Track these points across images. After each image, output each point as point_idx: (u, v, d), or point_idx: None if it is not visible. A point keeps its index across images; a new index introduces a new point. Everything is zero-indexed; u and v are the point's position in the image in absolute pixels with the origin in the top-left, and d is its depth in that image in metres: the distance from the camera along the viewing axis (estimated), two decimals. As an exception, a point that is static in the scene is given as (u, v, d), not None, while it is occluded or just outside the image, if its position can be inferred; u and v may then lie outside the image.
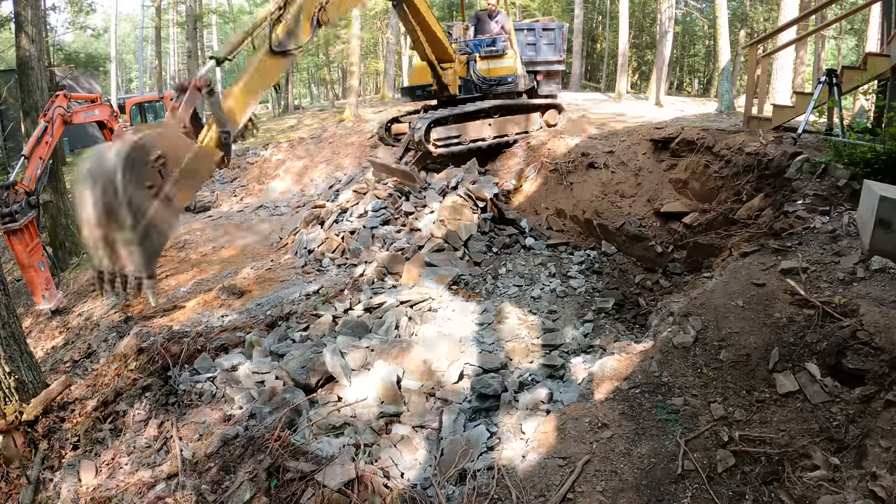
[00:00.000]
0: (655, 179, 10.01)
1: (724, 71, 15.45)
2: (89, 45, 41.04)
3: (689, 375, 4.94)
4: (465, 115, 12.28)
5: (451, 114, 12.13)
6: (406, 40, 33.03)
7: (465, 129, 12.37)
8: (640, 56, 41.51)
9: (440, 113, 12.17)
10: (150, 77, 41.36)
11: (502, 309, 7.38)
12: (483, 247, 9.52)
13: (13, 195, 9.14)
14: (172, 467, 5.45)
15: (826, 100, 8.27)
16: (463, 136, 12.35)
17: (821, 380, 4.34)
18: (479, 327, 7.21)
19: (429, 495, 4.62)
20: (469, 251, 9.39)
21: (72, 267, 12.08)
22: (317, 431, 5.70)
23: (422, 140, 11.95)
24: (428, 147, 12.12)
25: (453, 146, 12.33)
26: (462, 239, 9.42)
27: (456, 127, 12.31)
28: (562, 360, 6.43)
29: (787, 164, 7.63)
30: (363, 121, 20.97)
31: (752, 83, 10.20)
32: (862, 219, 5.40)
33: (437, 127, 12.18)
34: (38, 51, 11.97)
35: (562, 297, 8.21)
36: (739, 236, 7.17)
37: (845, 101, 9.40)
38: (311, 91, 50.47)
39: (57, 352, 8.93)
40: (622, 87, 22.65)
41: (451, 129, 12.28)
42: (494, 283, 8.61)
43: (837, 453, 3.91)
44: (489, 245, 9.63)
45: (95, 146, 4.68)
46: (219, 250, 11.93)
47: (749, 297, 5.26)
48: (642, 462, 4.32)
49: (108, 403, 6.68)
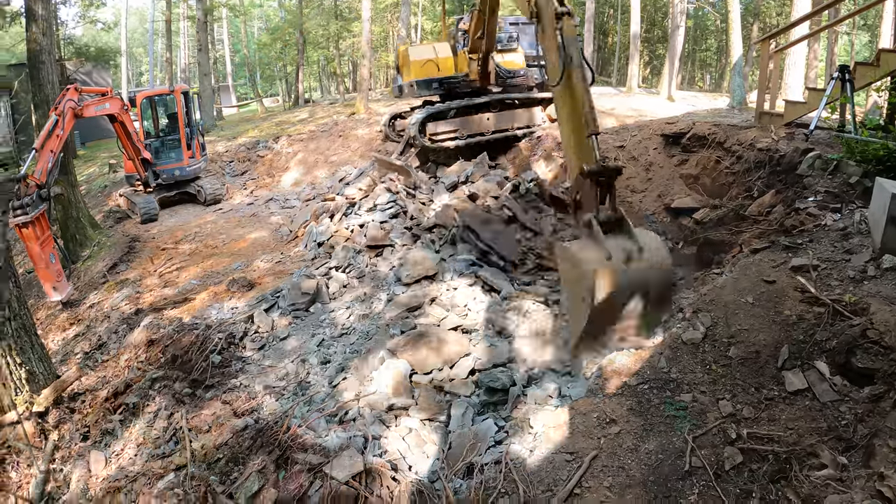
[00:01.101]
0: (666, 175, 9.97)
1: (737, 66, 15.32)
2: (99, 39, 41.23)
3: (698, 372, 4.93)
4: (463, 110, 12.27)
5: (448, 108, 12.14)
6: (417, 33, 32.99)
7: (463, 124, 12.37)
8: (651, 50, 41.26)
9: (436, 108, 12.18)
10: (161, 70, 41.51)
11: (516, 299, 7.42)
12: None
13: (24, 188, 9.20)
14: (182, 458, 5.50)
15: (839, 96, 8.20)
16: (461, 130, 12.35)
17: (830, 378, 4.32)
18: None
19: (436, 488, 4.64)
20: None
21: (83, 259, 12.17)
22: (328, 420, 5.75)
23: (416, 135, 11.96)
24: (424, 142, 12.13)
25: (451, 140, 12.33)
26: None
27: (454, 121, 12.31)
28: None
29: (798, 161, 7.58)
30: (375, 114, 20.96)
31: (765, 78, 10.11)
32: (873, 216, 5.36)
33: (434, 122, 12.18)
34: (48, 44, 12.02)
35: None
36: (750, 233, 7.13)
37: (858, 98, 9.29)
38: (322, 84, 50.53)
39: (68, 343, 9.01)
40: (634, 81, 22.49)
41: (449, 124, 12.29)
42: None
43: (845, 452, 3.90)
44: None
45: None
46: (229, 243, 11.98)
47: (759, 293, 5.23)
48: (650, 458, 4.32)
49: (118, 394, 6.75)
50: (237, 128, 25.86)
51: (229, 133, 24.07)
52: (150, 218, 14.57)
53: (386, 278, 8.70)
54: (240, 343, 7.62)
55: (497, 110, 12.67)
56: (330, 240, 10.40)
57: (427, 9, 36.29)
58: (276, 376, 6.87)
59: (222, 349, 7.38)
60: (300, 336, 7.67)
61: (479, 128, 12.51)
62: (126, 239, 12.93)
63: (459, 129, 12.37)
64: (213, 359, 7.14)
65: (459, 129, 12.37)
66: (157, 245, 12.44)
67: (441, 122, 12.24)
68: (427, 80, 13.08)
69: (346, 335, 7.55)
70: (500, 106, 12.70)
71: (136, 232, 13.75)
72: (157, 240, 12.86)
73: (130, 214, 15.20)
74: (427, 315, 7.39)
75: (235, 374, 6.93)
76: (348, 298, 8.42)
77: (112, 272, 11.10)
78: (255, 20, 51.23)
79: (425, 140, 12.14)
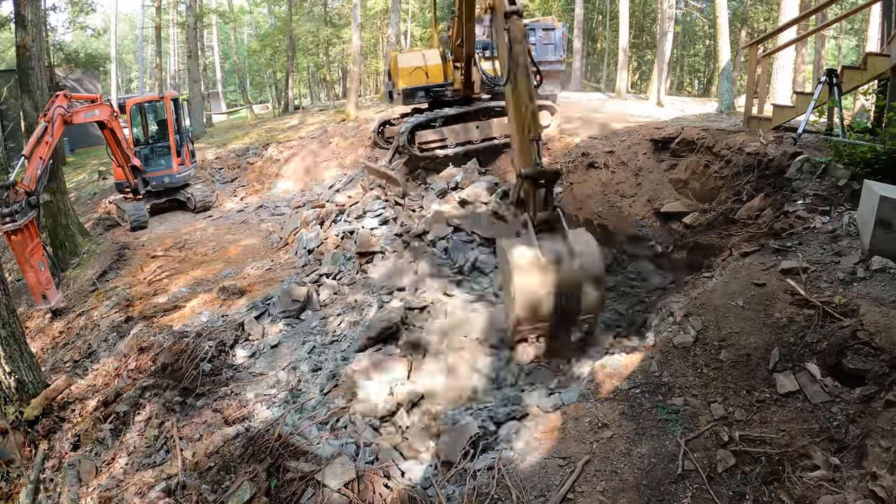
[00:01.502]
0: (656, 179, 10.01)
1: (725, 71, 15.42)
2: (89, 45, 41.01)
3: (690, 375, 4.95)
4: (452, 118, 12.23)
5: (437, 116, 12.10)
6: (407, 40, 33.05)
7: (451, 133, 12.34)
8: (640, 56, 41.48)
9: (425, 116, 12.14)
10: (151, 77, 41.35)
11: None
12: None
13: (13, 195, 9.13)
14: (173, 467, 5.45)
15: (826, 100, 8.26)
16: (450, 139, 12.33)
17: (821, 380, 4.35)
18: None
19: (429, 495, 4.62)
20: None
21: (72, 267, 12.08)
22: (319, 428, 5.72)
23: (406, 144, 11.93)
24: (412, 151, 12.11)
25: (439, 149, 12.33)
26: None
27: (441, 130, 12.28)
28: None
29: (787, 164, 7.63)
30: (365, 121, 20.95)
31: (753, 83, 10.18)
32: (862, 219, 5.40)
33: (422, 130, 12.17)
34: (38, 50, 11.96)
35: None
36: (740, 236, 7.17)
37: (845, 102, 9.37)
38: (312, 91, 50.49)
39: (57, 351, 8.92)
40: (622, 86, 22.61)
41: (437, 133, 12.26)
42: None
43: (838, 453, 3.91)
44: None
45: None
46: (219, 250, 11.92)
47: (749, 297, 5.26)
48: (642, 462, 4.32)
49: (108, 403, 6.68)
50: (227, 134, 25.78)
51: (219, 140, 23.98)
52: (139, 225, 14.49)
53: (376, 285, 8.68)
54: (230, 351, 7.56)
55: (485, 118, 12.63)
56: (320, 247, 10.37)
57: (416, 15, 36.39)
58: (267, 384, 6.82)
59: (213, 357, 7.32)
60: (291, 343, 7.63)
61: (468, 136, 12.48)
62: (115, 246, 12.85)
63: (448, 138, 12.34)
64: (204, 367, 7.08)
65: (448, 138, 12.34)
66: (146, 252, 12.36)
67: (429, 130, 12.22)
68: (413, 89, 13.00)
69: (337, 342, 7.51)
70: (487, 114, 12.66)
71: (126, 239, 13.66)
72: (146, 247, 12.78)
73: (120, 222, 15.12)
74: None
75: (226, 382, 6.88)
76: (339, 305, 8.39)
77: (101, 280, 11.02)
78: (245, 27, 51.15)
79: (414, 149, 12.12)
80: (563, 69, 17.71)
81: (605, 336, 7.00)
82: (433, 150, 12.24)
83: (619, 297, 8.52)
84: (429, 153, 12.19)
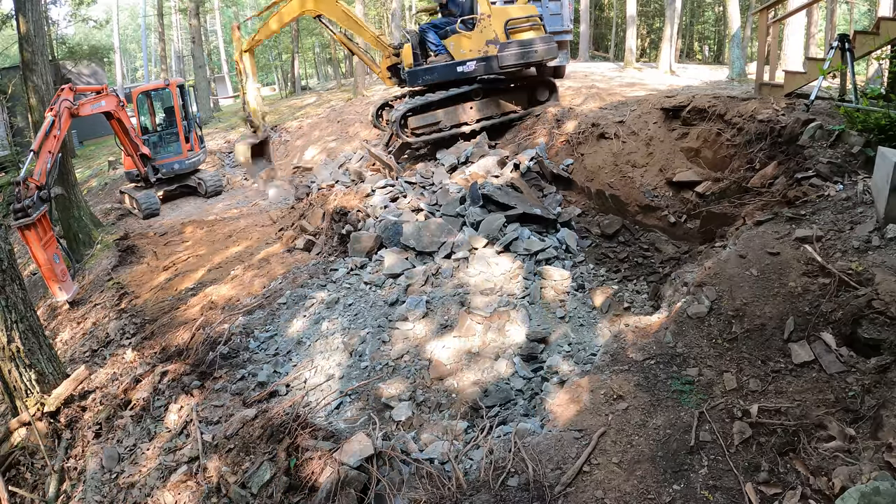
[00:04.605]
0: (667, 149, 9.88)
1: (735, 37, 15.17)
2: (91, 37, 40.96)
3: (704, 346, 4.93)
4: (444, 101, 12.09)
5: (429, 101, 11.90)
6: (411, 14, 32.65)
7: (445, 115, 12.21)
8: (648, 24, 40.80)
9: (418, 100, 12.01)
10: (156, 65, 41.30)
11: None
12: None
13: (25, 190, 9.22)
14: (193, 450, 5.55)
15: (838, 65, 8.10)
16: (443, 122, 12.20)
17: (836, 349, 4.32)
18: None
19: (446, 469, 4.67)
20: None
21: (87, 258, 12.19)
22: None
23: (397, 130, 11.84)
24: (404, 137, 12.04)
25: (434, 133, 12.23)
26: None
27: (434, 114, 12.15)
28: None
29: (800, 132, 7.50)
30: (372, 101, 20.84)
31: (763, 49, 9.98)
32: (877, 186, 5.31)
33: (415, 115, 12.08)
34: (41, 45, 11.95)
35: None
36: (753, 205, 7.08)
37: (858, 67, 9.17)
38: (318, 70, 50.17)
39: (75, 342, 9.05)
40: (631, 55, 22.27)
41: (428, 117, 12.12)
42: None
43: (853, 424, 3.89)
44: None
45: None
46: (234, 234, 11.96)
47: (763, 266, 5.21)
48: (658, 433, 4.33)
49: (128, 391, 6.79)
50: (234, 118, 25.76)
51: (226, 125, 23.98)
52: (151, 213, 14.59)
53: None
54: (248, 333, 7.64)
55: (480, 98, 12.39)
56: (332, 227, 10.39)
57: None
58: (284, 364, 6.90)
59: (229, 340, 7.41)
60: (307, 323, 7.69)
61: (461, 118, 12.28)
62: (129, 235, 12.95)
63: (442, 122, 12.19)
64: (222, 350, 7.16)
65: (442, 122, 12.19)
66: (161, 240, 12.45)
67: (420, 115, 12.09)
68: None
69: (354, 320, 7.56)
70: (481, 95, 12.38)
71: (139, 227, 13.76)
72: (160, 234, 12.87)
73: (132, 210, 15.22)
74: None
75: (243, 365, 6.96)
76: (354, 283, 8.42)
77: (116, 269, 11.13)
78: (248, 10, 50.83)
79: (406, 134, 12.03)
80: (570, 39, 17.42)
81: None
82: (428, 136, 12.14)
83: (633, 267, 8.51)
84: (422, 139, 12.11)
